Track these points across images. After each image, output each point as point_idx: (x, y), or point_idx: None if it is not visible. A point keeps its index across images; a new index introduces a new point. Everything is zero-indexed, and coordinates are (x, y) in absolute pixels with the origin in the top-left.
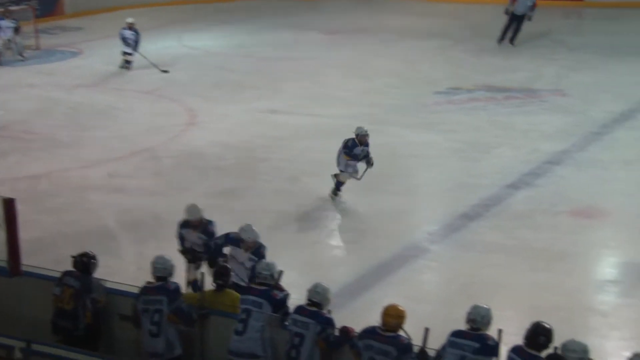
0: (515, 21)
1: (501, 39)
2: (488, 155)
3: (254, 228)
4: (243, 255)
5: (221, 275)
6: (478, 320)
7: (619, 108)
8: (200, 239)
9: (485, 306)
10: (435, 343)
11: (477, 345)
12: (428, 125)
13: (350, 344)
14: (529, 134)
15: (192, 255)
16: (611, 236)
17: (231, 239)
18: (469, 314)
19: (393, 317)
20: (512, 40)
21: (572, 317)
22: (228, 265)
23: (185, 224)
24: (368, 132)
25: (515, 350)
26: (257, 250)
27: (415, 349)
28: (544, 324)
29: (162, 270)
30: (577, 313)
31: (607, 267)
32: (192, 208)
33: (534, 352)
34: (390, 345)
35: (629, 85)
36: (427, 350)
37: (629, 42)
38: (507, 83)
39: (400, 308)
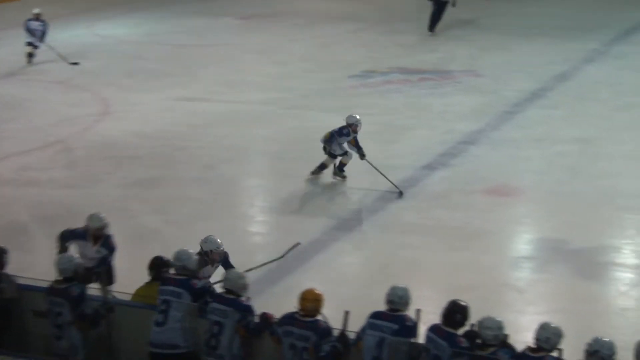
0: (438, 7)
1: (432, 27)
2: (404, 137)
3: (215, 238)
4: (210, 270)
5: (155, 266)
6: (396, 301)
7: (530, 87)
8: (98, 254)
9: (403, 286)
10: (356, 325)
11: (395, 326)
12: (343, 108)
13: (270, 331)
14: (444, 114)
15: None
16: (525, 213)
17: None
18: (387, 295)
19: (310, 301)
20: (432, 28)
21: (489, 294)
22: (164, 257)
23: (82, 235)
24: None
25: (433, 328)
26: (226, 260)
27: (336, 333)
28: (459, 301)
29: (65, 271)
30: (494, 290)
31: (522, 244)
32: (96, 216)
33: (451, 330)
34: (309, 330)
35: (539, 64)
36: (348, 333)
37: (538, 23)
38: (421, 65)
39: (317, 292)
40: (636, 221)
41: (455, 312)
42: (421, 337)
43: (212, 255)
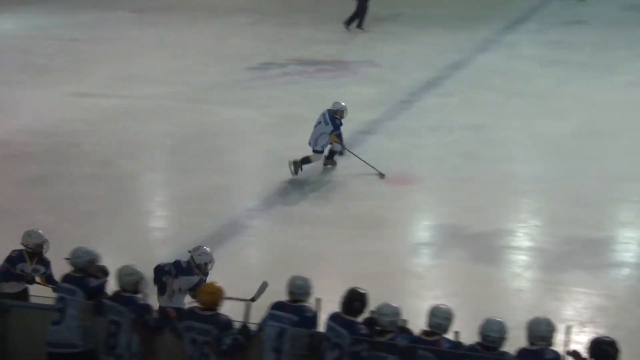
0: (360, 1)
1: (360, 23)
2: (302, 128)
3: (205, 249)
4: (193, 280)
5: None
6: (295, 291)
7: (425, 76)
8: (36, 272)
9: (302, 277)
10: (258, 317)
11: (295, 318)
12: (242, 101)
13: (171, 327)
14: None
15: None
16: (423, 200)
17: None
18: (288, 285)
19: (208, 294)
20: (348, 24)
21: (389, 281)
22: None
23: (19, 258)
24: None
25: (333, 317)
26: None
27: (238, 325)
28: (358, 289)
29: None
30: (394, 276)
31: (421, 231)
32: (36, 232)
33: (350, 318)
34: (210, 323)
35: (434, 54)
36: (250, 324)
37: (432, 12)
38: (318, 56)
39: (216, 285)
40: (529, 205)
41: (353, 300)
42: (322, 326)
43: (206, 268)
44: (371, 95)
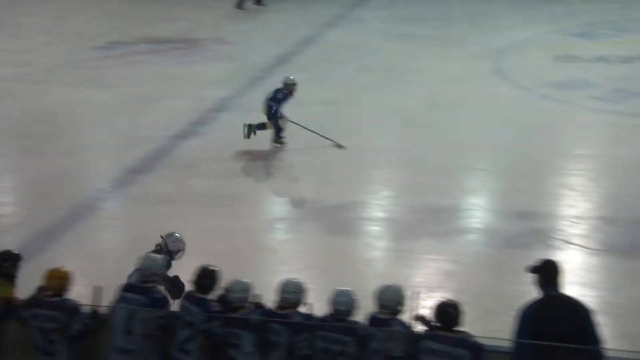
0: None
1: (240, 4)
2: (154, 107)
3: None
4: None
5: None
6: (145, 273)
7: (277, 52)
8: None
9: (152, 257)
10: (108, 300)
11: (144, 299)
12: (90, 81)
13: (16, 316)
14: (193, 83)
15: None
16: (277, 176)
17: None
18: (138, 266)
19: (54, 278)
20: (259, 3)
21: (244, 257)
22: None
23: None
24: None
25: (186, 296)
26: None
27: (88, 309)
28: (208, 266)
29: None
30: (249, 252)
31: (274, 206)
32: None
33: (202, 296)
34: (56, 310)
35: (284, 30)
36: (100, 308)
37: None
38: (168, 34)
39: (62, 269)
40: (380, 176)
41: (204, 277)
42: (176, 307)
43: (180, 255)
44: (223, 73)
